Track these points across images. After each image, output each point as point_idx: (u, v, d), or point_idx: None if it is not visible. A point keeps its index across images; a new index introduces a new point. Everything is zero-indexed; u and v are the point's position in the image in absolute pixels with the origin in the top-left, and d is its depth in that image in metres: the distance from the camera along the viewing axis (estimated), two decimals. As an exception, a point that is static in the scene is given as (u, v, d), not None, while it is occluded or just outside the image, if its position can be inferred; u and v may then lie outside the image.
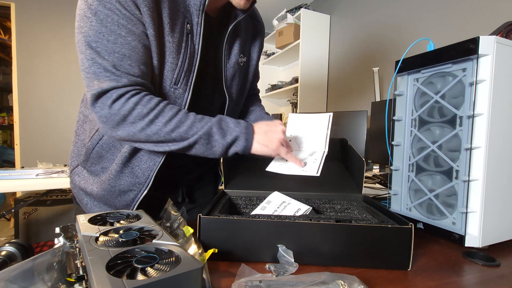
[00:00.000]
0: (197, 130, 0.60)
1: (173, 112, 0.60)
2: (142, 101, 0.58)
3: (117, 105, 0.56)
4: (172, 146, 0.61)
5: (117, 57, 0.56)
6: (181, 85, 0.66)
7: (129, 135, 0.59)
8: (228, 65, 0.77)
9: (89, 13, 0.55)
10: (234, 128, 0.62)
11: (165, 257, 0.36)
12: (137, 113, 0.57)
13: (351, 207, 0.72)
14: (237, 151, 0.64)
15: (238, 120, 0.65)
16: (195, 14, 0.65)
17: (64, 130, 3.06)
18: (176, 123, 0.59)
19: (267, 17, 3.35)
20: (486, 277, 0.49)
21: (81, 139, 0.75)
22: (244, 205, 0.75)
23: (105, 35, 0.55)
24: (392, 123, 0.78)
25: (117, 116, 0.57)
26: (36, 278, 0.37)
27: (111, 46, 0.56)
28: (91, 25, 0.55)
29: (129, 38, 0.56)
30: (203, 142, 0.61)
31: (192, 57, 0.66)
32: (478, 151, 0.59)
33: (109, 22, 0.55)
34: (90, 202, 0.73)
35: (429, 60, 0.67)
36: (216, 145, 0.62)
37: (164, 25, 0.60)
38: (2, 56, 3.89)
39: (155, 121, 0.58)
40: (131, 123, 0.58)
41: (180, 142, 0.61)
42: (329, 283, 0.40)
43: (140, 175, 0.68)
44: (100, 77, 0.56)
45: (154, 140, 0.60)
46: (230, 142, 0.62)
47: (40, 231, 1.91)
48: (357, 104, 2.46)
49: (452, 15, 1.74)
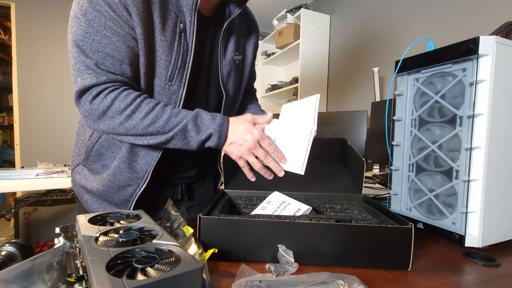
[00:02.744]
0: (173, 126, 0.63)
1: (150, 107, 0.62)
2: (119, 96, 0.60)
3: (97, 100, 0.60)
4: (150, 140, 0.64)
5: (100, 55, 0.59)
6: (175, 82, 0.68)
7: (109, 129, 0.62)
8: (224, 62, 0.79)
9: (79, 14, 0.58)
10: (208, 125, 0.65)
11: (165, 257, 0.36)
12: (115, 108, 0.60)
13: (351, 207, 0.72)
14: (211, 146, 0.67)
15: (214, 115, 0.66)
16: (188, 13, 0.67)
17: (64, 130, 3.06)
18: (152, 118, 0.61)
19: (267, 17, 3.36)
20: (486, 277, 0.49)
21: (82, 139, 0.76)
22: (244, 205, 0.75)
23: (91, 35, 0.58)
24: (392, 123, 0.78)
25: (97, 111, 0.60)
26: (36, 278, 0.37)
27: (96, 45, 0.59)
28: (80, 25, 0.58)
29: (114, 39, 0.59)
30: (179, 137, 0.64)
31: (185, 55, 0.68)
32: (478, 151, 0.59)
33: (97, 23, 0.58)
34: (90, 199, 0.75)
35: (429, 60, 0.67)
36: (192, 140, 0.65)
37: (155, 25, 0.63)
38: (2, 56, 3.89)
39: (132, 116, 0.61)
40: (110, 118, 0.61)
41: (157, 136, 0.63)
42: (329, 283, 0.40)
43: (138, 170, 0.70)
44: (83, 74, 0.59)
45: (133, 133, 0.62)
46: (204, 139, 0.65)
47: (40, 231, 1.91)
48: (357, 104, 2.46)
49: (452, 15, 1.74)
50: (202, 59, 0.75)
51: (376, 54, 2.29)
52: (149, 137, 0.63)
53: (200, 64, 0.75)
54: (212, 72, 0.78)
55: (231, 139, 0.67)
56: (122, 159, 0.69)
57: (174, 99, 0.69)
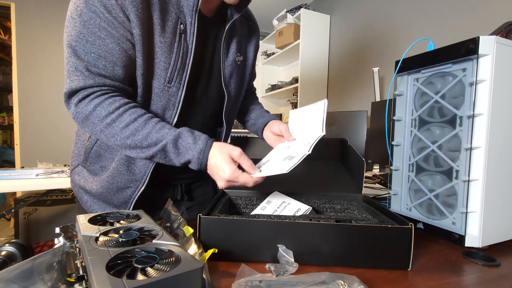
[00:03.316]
0: (152, 143, 0.60)
1: (132, 118, 0.60)
2: (104, 103, 0.60)
3: (82, 104, 0.60)
4: (130, 153, 0.63)
5: (93, 57, 0.59)
6: (174, 84, 0.67)
7: (92, 133, 0.62)
8: (226, 63, 0.79)
9: (75, 15, 0.58)
10: (188, 150, 0.61)
11: (165, 257, 0.36)
12: (96, 114, 0.59)
13: (351, 207, 0.72)
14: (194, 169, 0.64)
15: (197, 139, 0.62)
16: (189, 14, 0.66)
17: (64, 130, 3.06)
18: (132, 130, 0.60)
19: (267, 17, 3.36)
20: (486, 277, 0.49)
21: (81, 140, 0.76)
22: (244, 205, 0.75)
23: (85, 36, 0.58)
24: (392, 123, 0.78)
25: (81, 115, 0.60)
26: (36, 278, 0.37)
27: (89, 46, 0.58)
28: (75, 26, 0.58)
29: (108, 41, 0.59)
30: (160, 156, 0.62)
31: (185, 56, 0.67)
32: (478, 151, 0.59)
33: (91, 24, 0.58)
34: (90, 200, 0.75)
35: (429, 60, 0.67)
36: (173, 162, 0.63)
37: (155, 26, 0.62)
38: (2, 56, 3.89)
39: (112, 124, 0.60)
40: (92, 123, 0.60)
41: (136, 150, 0.62)
42: (329, 283, 0.40)
43: (137, 172, 0.70)
44: (71, 76, 0.59)
45: (113, 143, 0.62)
46: (184, 162, 0.63)
47: (40, 231, 1.91)
48: (357, 104, 2.46)
49: (452, 15, 1.74)
50: (203, 60, 0.75)
51: (376, 54, 2.29)
52: (129, 150, 0.62)
53: (201, 65, 0.74)
54: (213, 73, 0.78)
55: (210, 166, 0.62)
56: (120, 161, 0.69)
57: (173, 101, 0.68)
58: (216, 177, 0.63)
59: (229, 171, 0.60)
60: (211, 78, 0.78)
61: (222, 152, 0.62)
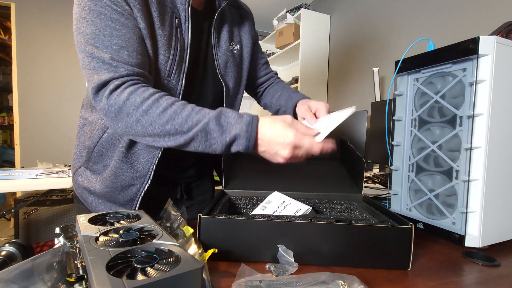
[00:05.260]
0: (192, 124, 0.56)
1: (168, 103, 0.57)
2: (137, 91, 0.57)
3: (114, 95, 0.57)
4: (169, 141, 0.58)
5: (114, 49, 0.58)
6: (174, 77, 0.68)
7: (127, 127, 0.58)
8: (219, 53, 0.79)
9: (84, 14, 0.58)
10: (234, 124, 0.56)
11: (165, 257, 0.36)
12: (131, 102, 0.56)
13: (351, 207, 0.72)
14: (240, 150, 0.58)
15: (241, 114, 0.58)
16: (182, 8, 0.68)
17: (64, 130, 3.06)
18: (170, 114, 0.56)
19: (267, 17, 3.36)
20: (486, 277, 0.49)
21: (82, 141, 0.76)
22: (244, 205, 0.75)
23: (101, 31, 0.58)
24: (392, 123, 0.78)
25: (114, 107, 0.57)
26: (36, 278, 0.37)
27: (108, 39, 0.58)
28: (88, 24, 0.58)
29: (124, 31, 0.59)
30: (201, 139, 0.56)
31: (182, 50, 0.68)
32: (478, 151, 0.59)
33: (103, 18, 0.58)
34: (95, 201, 0.75)
35: (429, 60, 0.67)
36: (215, 143, 0.57)
37: (154, 20, 0.64)
38: (2, 56, 3.89)
39: (149, 111, 0.56)
40: (127, 114, 0.57)
41: (176, 137, 0.57)
42: (329, 283, 0.40)
43: (140, 169, 0.70)
44: (99, 71, 0.57)
45: (151, 132, 0.57)
46: (229, 140, 0.56)
47: (40, 231, 1.91)
48: (357, 104, 2.46)
49: (452, 15, 1.74)
50: (198, 53, 0.76)
51: (376, 54, 2.29)
52: (168, 137, 0.57)
53: (196, 59, 0.75)
54: (208, 64, 0.79)
55: (262, 147, 0.57)
56: (122, 159, 0.69)
57: (173, 95, 0.68)
58: (277, 147, 0.56)
59: (292, 134, 0.55)
60: (207, 70, 0.79)
61: (275, 120, 0.57)
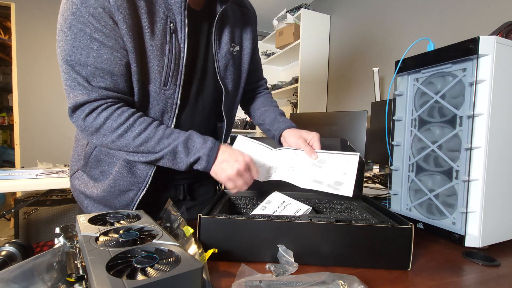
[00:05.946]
0: (163, 147, 0.63)
1: (142, 127, 0.62)
2: (112, 115, 0.60)
3: (90, 118, 0.60)
4: (141, 157, 0.64)
5: (89, 70, 0.58)
6: (170, 86, 0.67)
7: (102, 144, 0.63)
8: (220, 55, 0.76)
9: (64, 28, 0.57)
10: (198, 148, 0.64)
11: (165, 257, 0.36)
12: (107, 127, 0.60)
13: (351, 207, 0.72)
14: (200, 169, 0.66)
15: (206, 139, 0.66)
16: (178, 11, 0.65)
17: (64, 130, 3.06)
18: (144, 138, 0.62)
19: (267, 17, 3.36)
20: (486, 277, 0.49)
21: (80, 144, 0.76)
22: (244, 205, 0.75)
23: (78, 50, 0.57)
24: (392, 123, 0.78)
25: (90, 128, 0.61)
26: (36, 278, 0.37)
27: (84, 59, 0.58)
28: (66, 40, 0.57)
29: (101, 51, 0.58)
30: (169, 158, 0.64)
31: (178, 57, 0.66)
32: (478, 151, 0.59)
33: (82, 36, 0.57)
34: (90, 205, 0.74)
35: (429, 60, 0.67)
36: (180, 161, 0.64)
37: (144, 30, 0.61)
38: (2, 56, 3.88)
39: (124, 135, 0.61)
40: (103, 135, 0.61)
41: (148, 155, 0.64)
42: (329, 283, 0.40)
43: (139, 174, 0.70)
44: (74, 90, 0.59)
45: (125, 150, 0.63)
46: (192, 161, 0.64)
47: (40, 231, 1.91)
48: (357, 104, 2.46)
49: (452, 15, 1.74)
50: (196, 57, 0.73)
51: (376, 54, 2.29)
52: (140, 154, 0.64)
53: (195, 63, 0.73)
54: (208, 68, 0.76)
55: (222, 158, 0.65)
56: (122, 164, 0.68)
57: (170, 103, 0.68)
58: (229, 169, 0.63)
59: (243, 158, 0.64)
60: (206, 74, 0.76)
61: (234, 150, 0.67)
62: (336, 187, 0.66)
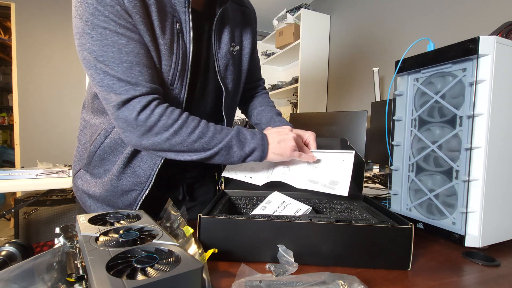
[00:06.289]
0: (217, 142, 0.63)
1: (195, 123, 0.62)
2: (166, 112, 0.60)
3: (143, 116, 0.58)
4: (193, 156, 0.63)
5: (125, 66, 0.57)
6: (177, 86, 0.67)
7: (153, 145, 0.61)
8: (220, 55, 0.76)
9: (87, 29, 0.56)
10: (251, 140, 0.65)
11: (165, 257, 0.36)
12: (162, 124, 0.59)
13: (351, 207, 0.72)
14: (254, 160, 0.67)
15: (254, 132, 0.68)
16: (182, 11, 0.65)
17: (64, 130, 3.06)
18: (199, 134, 0.61)
19: (267, 17, 3.36)
20: (486, 277, 0.49)
21: (82, 144, 0.75)
22: (244, 205, 0.75)
23: (109, 47, 0.56)
24: (392, 123, 0.78)
25: (143, 127, 0.59)
26: (36, 278, 0.37)
27: (117, 56, 0.56)
28: (93, 41, 0.56)
29: (131, 46, 0.57)
30: (223, 153, 0.64)
31: (184, 57, 0.66)
32: (478, 151, 0.59)
33: (108, 34, 0.56)
34: (93, 204, 0.74)
35: (429, 60, 0.67)
36: (235, 155, 0.65)
37: (155, 29, 0.61)
38: (2, 56, 3.89)
39: (179, 131, 0.60)
40: (156, 134, 0.60)
41: (201, 152, 0.63)
42: (329, 283, 0.40)
43: (142, 174, 0.69)
44: (115, 89, 0.57)
45: (177, 149, 0.62)
46: (247, 153, 0.65)
47: (40, 231, 1.91)
48: (357, 104, 2.46)
49: (452, 15, 1.74)
50: (199, 57, 0.73)
51: (376, 54, 2.29)
52: (193, 153, 0.63)
53: (198, 63, 0.73)
54: (209, 68, 0.76)
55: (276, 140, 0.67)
56: (125, 164, 0.68)
57: (176, 103, 0.67)
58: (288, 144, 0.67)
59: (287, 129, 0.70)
60: (208, 74, 0.76)
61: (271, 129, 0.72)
62: (332, 186, 0.66)
